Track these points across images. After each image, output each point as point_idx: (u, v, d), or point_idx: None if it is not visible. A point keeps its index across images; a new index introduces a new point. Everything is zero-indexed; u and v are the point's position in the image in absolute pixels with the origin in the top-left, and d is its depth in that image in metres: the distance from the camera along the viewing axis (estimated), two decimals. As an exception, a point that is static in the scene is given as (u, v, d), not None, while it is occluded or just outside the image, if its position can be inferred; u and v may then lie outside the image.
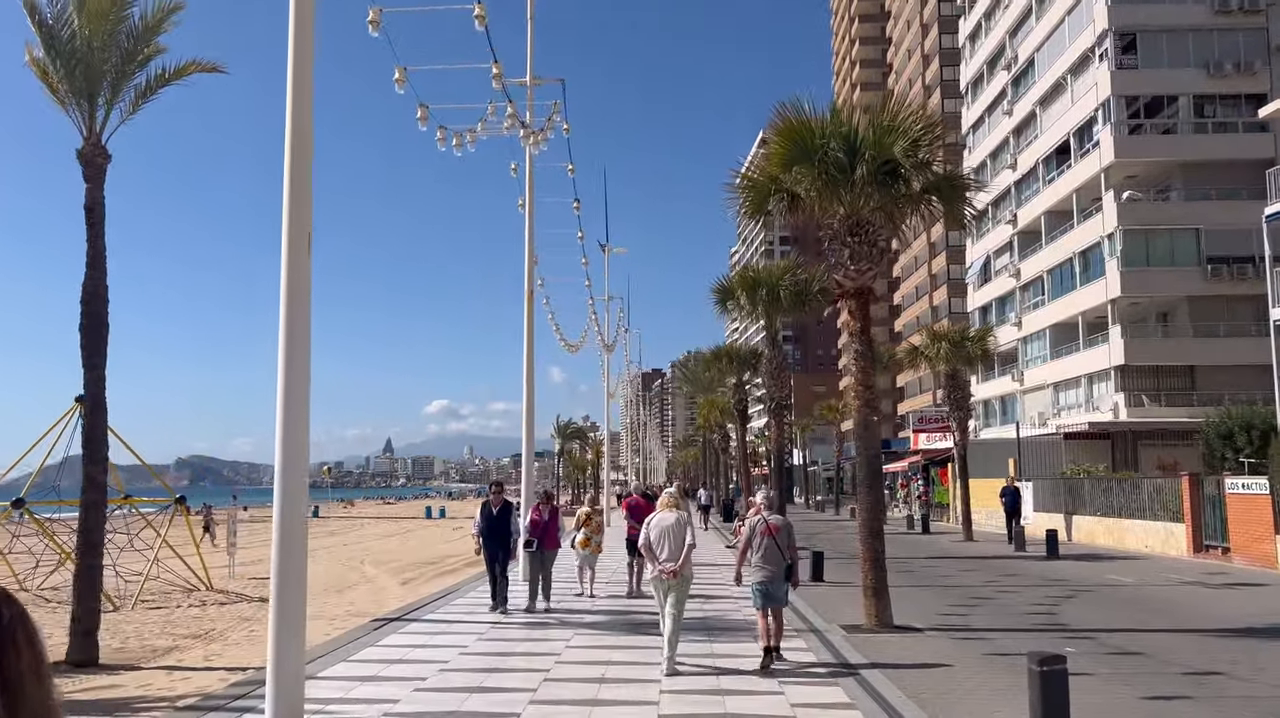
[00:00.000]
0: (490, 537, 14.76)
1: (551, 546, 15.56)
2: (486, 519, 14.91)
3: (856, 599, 16.77)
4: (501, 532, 14.74)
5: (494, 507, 14.96)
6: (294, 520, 7.90)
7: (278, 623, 7.74)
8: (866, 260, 13.69)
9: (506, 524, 14.87)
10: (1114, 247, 45.44)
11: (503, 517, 14.85)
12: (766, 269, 25.61)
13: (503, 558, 14.82)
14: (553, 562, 15.66)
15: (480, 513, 15.21)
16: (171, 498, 24.53)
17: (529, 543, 15.12)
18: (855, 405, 13.81)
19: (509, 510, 15.08)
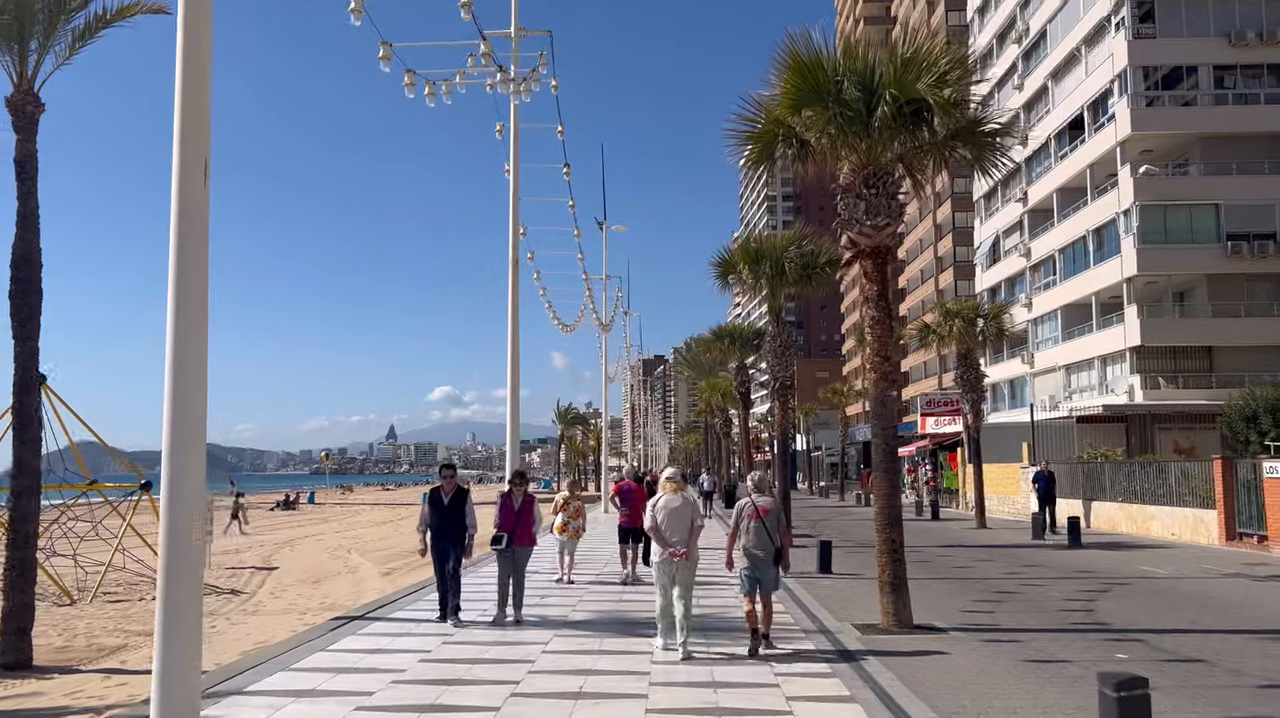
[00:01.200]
0: (440, 532, 12.38)
1: (525, 542, 12.85)
2: (436, 510, 12.41)
3: (869, 594, 15.28)
4: (453, 526, 12.35)
5: (445, 494, 12.44)
6: (183, 513, 6.36)
7: (164, 641, 6.23)
8: (884, 215, 12.14)
9: (460, 516, 12.39)
10: (1130, 223, 43.82)
11: (456, 507, 12.39)
12: (770, 240, 24.01)
13: (455, 558, 12.34)
14: (526, 563, 13.03)
15: (427, 502, 12.49)
16: (138, 483, 22.99)
17: (497, 540, 12.61)
18: (871, 378, 12.28)
19: (463, 499, 12.52)
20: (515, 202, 18.98)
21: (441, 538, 12.37)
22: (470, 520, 12.48)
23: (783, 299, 24.86)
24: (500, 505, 13.03)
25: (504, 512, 12.90)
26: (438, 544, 12.41)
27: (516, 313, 18.00)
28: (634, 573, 17.16)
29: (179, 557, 6.23)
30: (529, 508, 13.02)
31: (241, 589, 22.21)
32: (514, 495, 13.07)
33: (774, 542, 10.51)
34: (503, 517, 12.85)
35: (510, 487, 13.33)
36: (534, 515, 13.07)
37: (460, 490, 12.58)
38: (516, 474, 13.67)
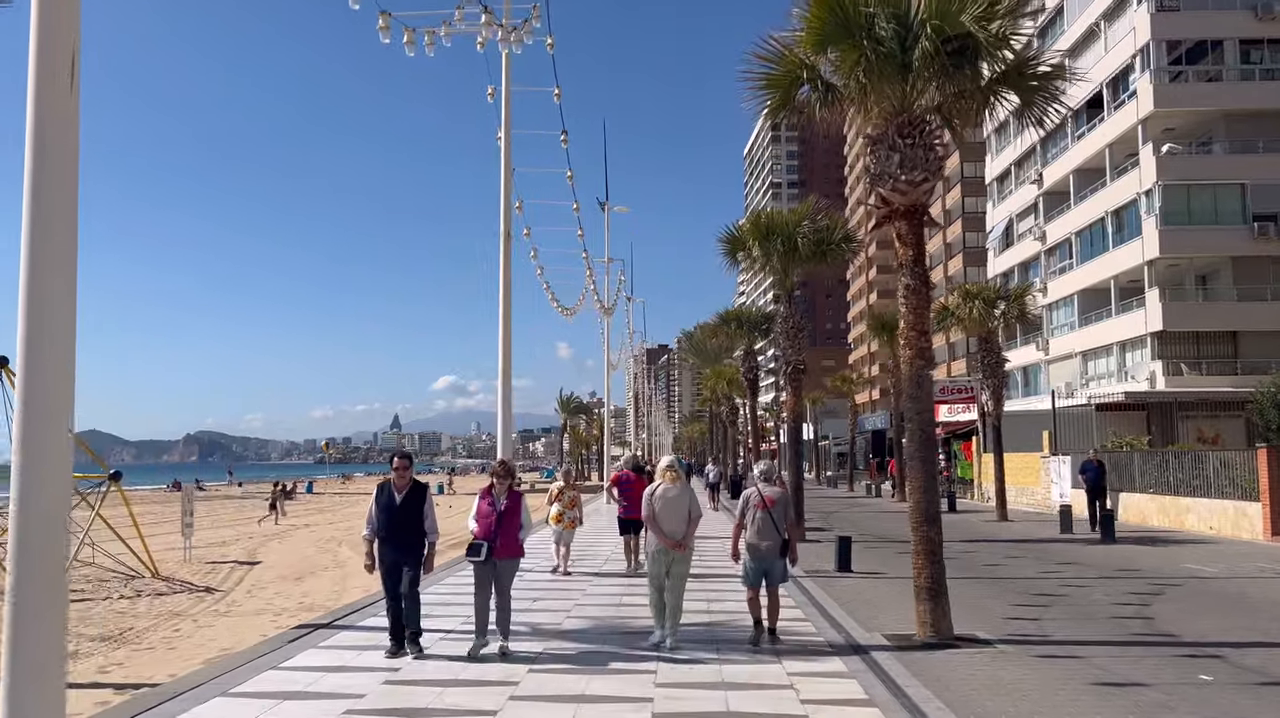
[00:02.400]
0: (391, 540, 9.74)
1: (509, 552, 10.02)
2: (385, 511, 9.79)
3: (896, 596, 13.85)
4: (408, 532, 9.77)
5: (397, 490, 9.83)
6: (41, 521, 4.85)
7: (10, 682, 4.73)
8: (921, 169, 10.61)
9: (416, 519, 9.79)
10: (1152, 204, 42.23)
11: (411, 508, 9.79)
12: (781, 215, 22.46)
13: (410, 573, 9.77)
14: (511, 578, 10.23)
15: (375, 502, 9.90)
16: (105, 474, 21.56)
17: (474, 550, 9.89)
18: (906, 356, 10.77)
19: (421, 498, 9.91)
20: (507, 169, 17.47)
21: (393, 547, 9.74)
22: (430, 524, 9.86)
23: (794, 279, 23.28)
24: (477, 506, 10.16)
25: (482, 514, 10.06)
26: (388, 555, 9.77)
27: (509, 288, 16.52)
28: (636, 564, 16.29)
29: (33, 582, 4.72)
30: (515, 509, 10.10)
31: (217, 587, 20.77)
32: (496, 492, 10.16)
33: (781, 533, 10.14)
34: (481, 521, 10.03)
35: (492, 481, 10.32)
36: (521, 519, 10.16)
37: (417, 486, 9.96)
38: (500, 465, 10.75)
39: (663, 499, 10.23)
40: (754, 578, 10.26)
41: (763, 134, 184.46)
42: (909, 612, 12.44)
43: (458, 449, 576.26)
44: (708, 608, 12.79)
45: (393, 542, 9.78)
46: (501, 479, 10.30)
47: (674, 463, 10.89)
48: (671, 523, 10.12)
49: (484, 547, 9.85)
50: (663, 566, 10.11)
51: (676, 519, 10.15)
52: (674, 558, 10.06)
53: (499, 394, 16.46)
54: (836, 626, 11.45)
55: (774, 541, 10.17)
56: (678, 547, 10.06)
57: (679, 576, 10.13)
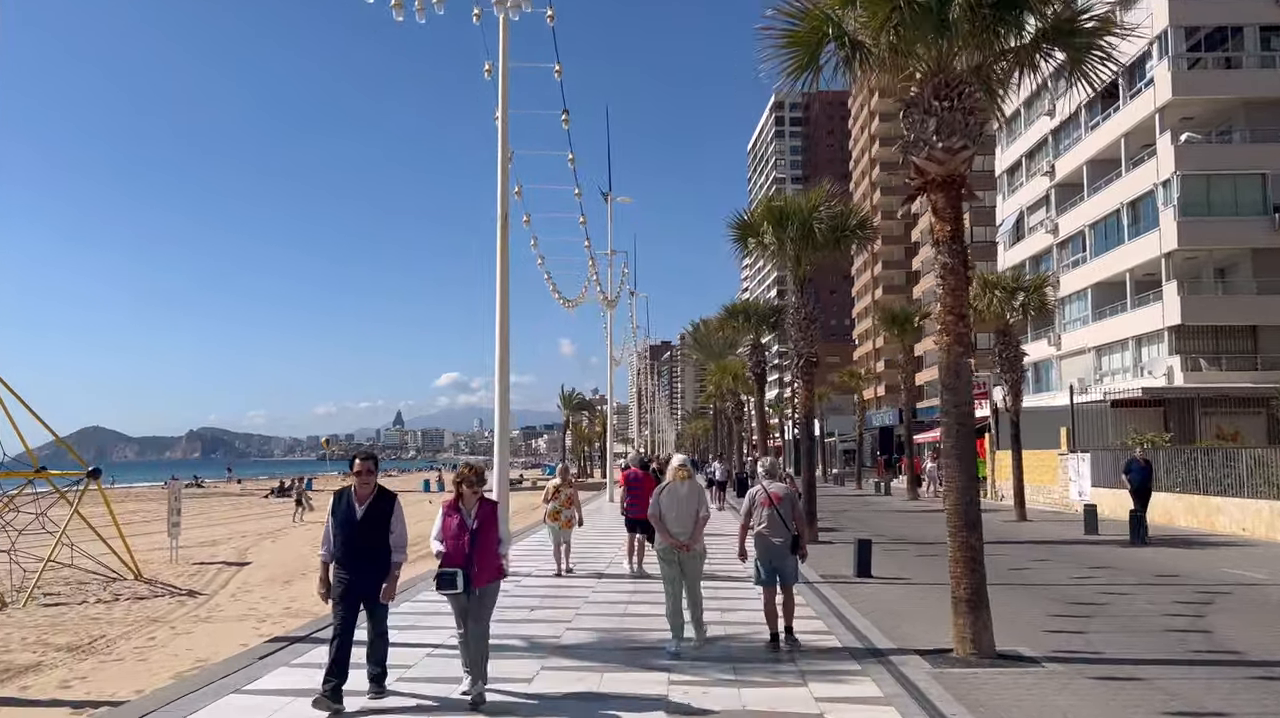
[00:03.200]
0: (350, 561, 7.81)
1: (488, 576, 7.99)
2: (344, 527, 7.86)
3: (924, 606, 12.84)
4: (370, 554, 7.82)
5: (358, 500, 7.92)
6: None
7: None
8: (960, 135, 9.57)
9: (381, 537, 7.87)
10: (1170, 194, 41.10)
11: (375, 522, 7.85)
12: (795, 200, 21.36)
13: (375, 606, 7.93)
14: (491, 607, 8.14)
15: (331, 516, 7.95)
16: (83, 472, 20.55)
17: (446, 579, 7.80)
18: (943, 341, 9.73)
19: (387, 509, 7.96)
20: (504, 150, 16.40)
21: (354, 571, 7.74)
22: (396, 540, 7.94)
23: (807, 267, 22.20)
24: (442, 523, 8.05)
25: (451, 533, 7.93)
26: (347, 582, 7.76)
27: (506, 274, 15.47)
28: (640, 566, 15.93)
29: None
30: (490, 522, 8.02)
31: (201, 590, 19.76)
32: (465, 505, 8.02)
33: (790, 530, 9.92)
34: (450, 542, 7.90)
35: (459, 489, 8.06)
36: (497, 534, 8.17)
37: (383, 494, 7.97)
38: (468, 470, 8.21)
39: (671, 498, 9.97)
40: (767, 577, 9.98)
41: (766, 129, 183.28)
42: (940, 623, 11.44)
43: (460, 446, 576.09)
44: (721, 618, 11.77)
45: (353, 564, 7.74)
46: (472, 488, 8.00)
47: (685, 462, 10.60)
48: (678, 523, 9.87)
49: (458, 575, 7.72)
50: (675, 567, 9.84)
51: (685, 519, 9.88)
52: (683, 558, 9.81)
53: (496, 384, 15.45)
54: (863, 639, 10.42)
55: (784, 538, 9.92)
56: (684, 547, 9.80)
57: (693, 575, 9.92)
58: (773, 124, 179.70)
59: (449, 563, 7.84)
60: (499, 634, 10.60)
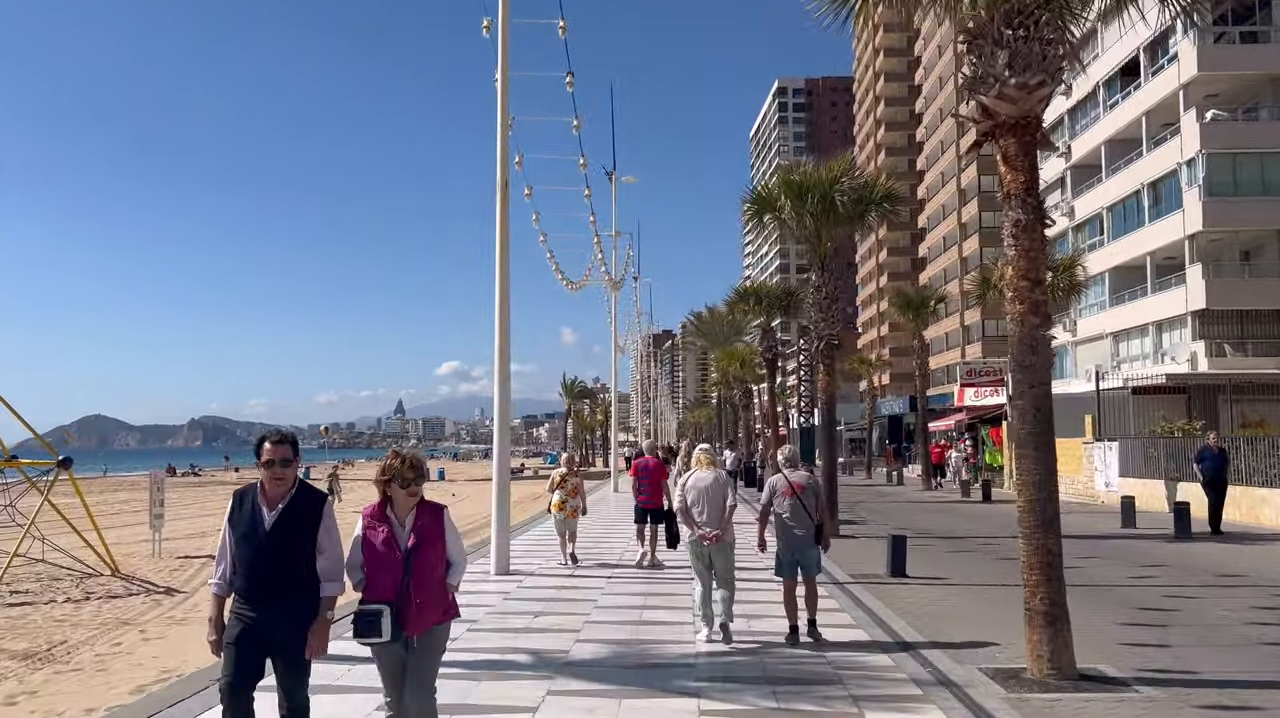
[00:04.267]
0: (255, 593, 5.23)
1: (430, 618, 5.43)
2: (247, 541, 5.26)
3: (974, 612, 11.53)
4: (285, 579, 5.24)
5: (265, 503, 5.31)
6: None
7: None
8: (1036, 70, 8.20)
9: (300, 554, 5.29)
10: (1195, 174, 39.67)
11: (290, 534, 5.26)
12: (816, 171, 19.91)
13: (289, 659, 5.28)
14: (437, 663, 5.61)
15: (228, 525, 5.36)
16: (54, 461, 19.21)
17: (367, 621, 5.27)
18: (1017, 310, 8.37)
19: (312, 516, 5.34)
20: (504, 112, 15.01)
21: (259, 605, 5.22)
22: (328, 562, 5.34)
23: (828, 245, 20.77)
24: (363, 538, 5.47)
25: (376, 555, 5.39)
26: (247, 619, 5.22)
27: (506, 244, 14.11)
28: (654, 556, 15.20)
29: None
30: (433, 539, 5.46)
31: (180, 587, 18.43)
32: (396, 512, 5.45)
33: (813, 519, 9.61)
34: (375, 567, 5.39)
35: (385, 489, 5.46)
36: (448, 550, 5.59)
37: (306, 495, 5.40)
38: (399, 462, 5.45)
39: (696, 489, 9.58)
40: (789, 569, 9.65)
41: (769, 115, 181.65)
42: (996, 632, 10.15)
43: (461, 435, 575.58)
44: (749, 627, 10.43)
45: (259, 598, 5.18)
46: (407, 487, 5.37)
47: (708, 449, 10.31)
48: (706, 514, 9.50)
49: (383, 615, 5.23)
50: (703, 559, 9.58)
51: (712, 510, 9.51)
52: (711, 551, 9.51)
53: (496, 362, 14.13)
54: (917, 654, 9.08)
55: (807, 528, 9.60)
56: (714, 540, 9.46)
57: (724, 566, 9.60)
58: (775, 110, 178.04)
59: (372, 597, 5.30)
60: (497, 648, 9.29)
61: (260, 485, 5.36)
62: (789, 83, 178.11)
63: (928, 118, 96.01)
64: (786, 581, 9.68)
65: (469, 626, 10.40)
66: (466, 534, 27.53)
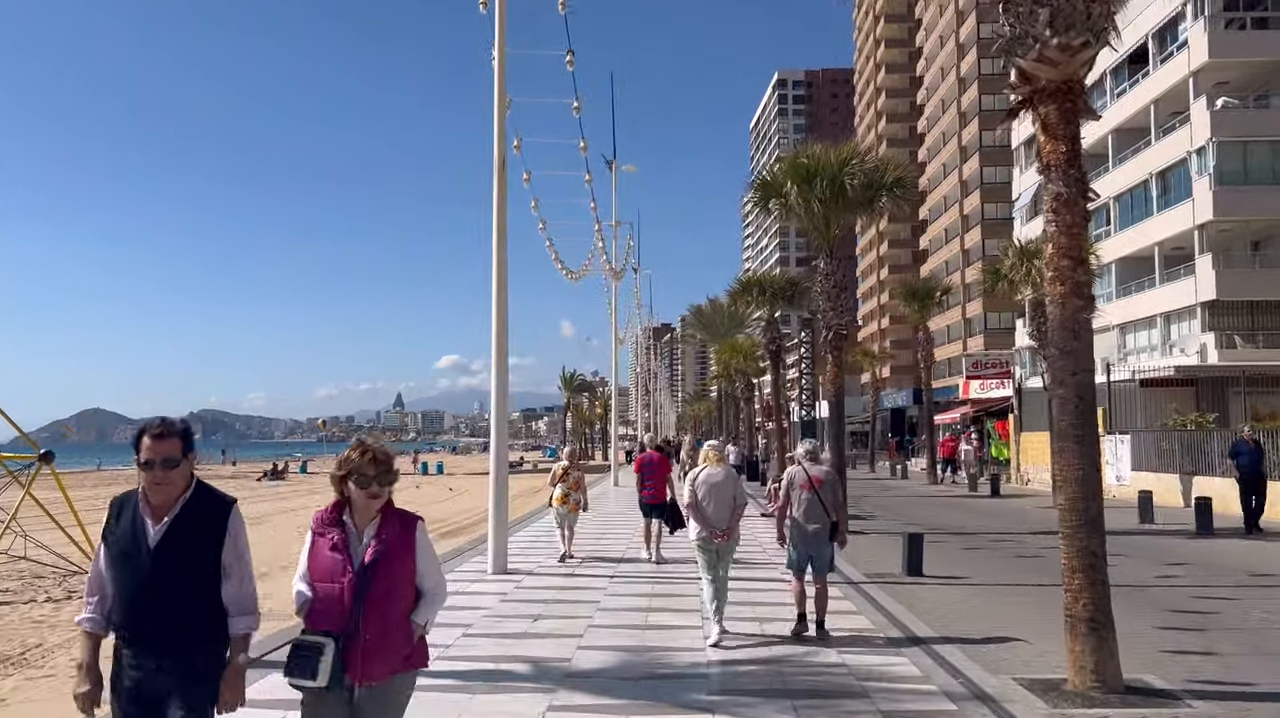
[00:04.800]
0: (138, 633, 3.90)
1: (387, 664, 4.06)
2: (124, 564, 3.90)
3: (999, 614, 10.87)
4: (173, 612, 3.87)
5: (150, 516, 3.91)
6: None
7: None
8: (1079, 29, 7.54)
9: (197, 581, 3.92)
10: (1205, 163, 38.97)
11: (181, 554, 3.89)
12: (824, 155, 19.17)
13: (188, 711, 3.86)
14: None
15: (103, 543, 3.99)
16: (35, 454, 18.55)
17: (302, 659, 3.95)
18: (1058, 292, 7.72)
19: (213, 532, 3.97)
20: (501, 87, 14.33)
21: (143, 651, 3.92)
22: (235, 591, 4.01)
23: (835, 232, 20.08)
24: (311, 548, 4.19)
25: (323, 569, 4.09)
26: (132, 669, 3.93)
27: (504, 224, 13.43)
28: (659, 552, 15.03)
29: None
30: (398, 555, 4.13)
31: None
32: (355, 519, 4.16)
33: (830, 515, 9.43)
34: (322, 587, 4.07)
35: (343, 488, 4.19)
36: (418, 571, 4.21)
37: (203, 500, 4.04)
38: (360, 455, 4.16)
39: (706, 485, 9.37)
40: (799, 564, 9.51)
41: (769, 107, 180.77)
42: (1027, 637, 9.54)
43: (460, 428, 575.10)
44: (761, 630, 9.82)
45: (143, 637, 3.92)
46: (367, 488, 4.13)
47: (719, 446, 10.16)
48: (716, 511, 9.32)
49: (323, 651, 3.95)
50: (712, 555, 9.37)
51: (721, 507, 9.33)
52: (719, 547, 9.35)
53: (493, 352, 13.46)
54: (944, 662, 8.44)
55: (822, 524, 9.41)
56: (724, 537, 9.31)
57: (724, 564, 9.46)
58: (775, 101, 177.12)
59: (317, 622, 4.01)
60: (493, 656, 8.64)
61: (140, 492, 4.02)
62: (789, 74, 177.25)
63: (929, 109, 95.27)
64: (797, 576, 9.54)
65: (463, 630, 9.77)
66: (464, 530, 26.88)
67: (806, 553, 9.42)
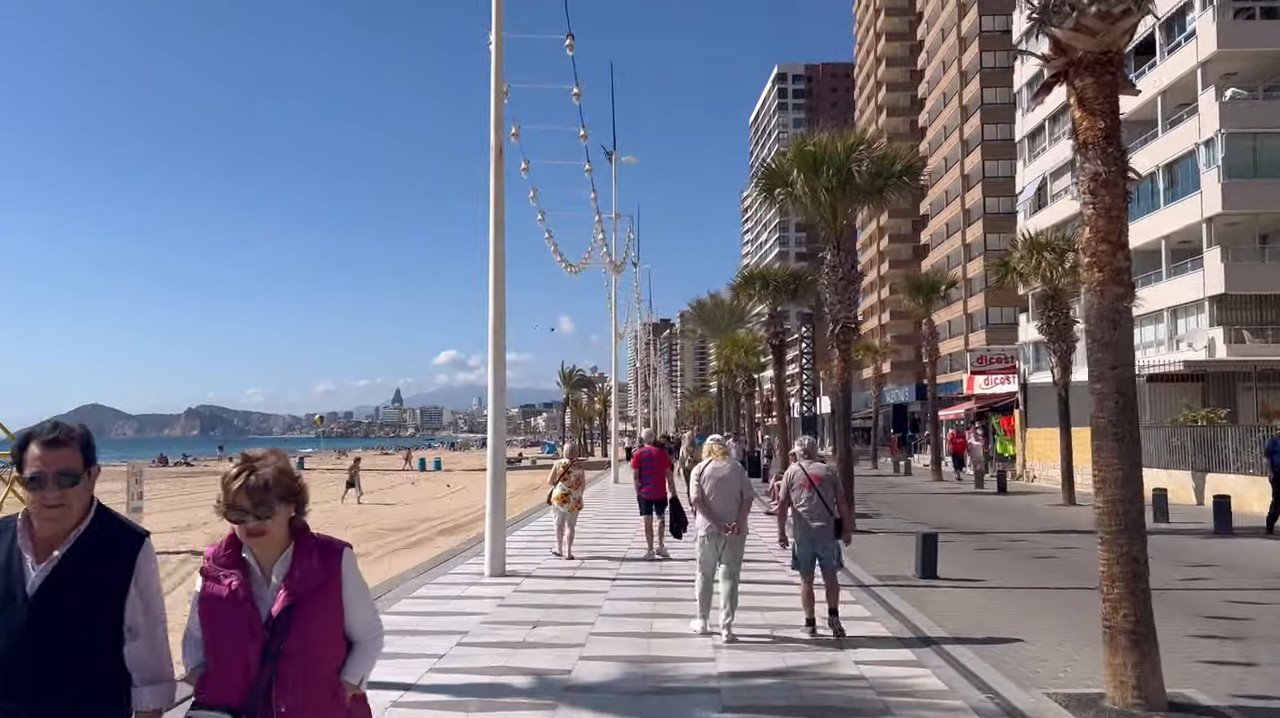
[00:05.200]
0: (9, 695, 2.97)
1: None
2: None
3: (1022, 621, 10.36)
4: (55, 676, 2.97)
5: (31, 552, 3.02)
6: None
7: None
8: (1119, -4, 6.97)
9: (76, 638, 2.99)
10: (1213, 155, 38.43)
11: (64, 597, 2.99)
12: (833, 141, 18.57)
13: None
14: None
15: None
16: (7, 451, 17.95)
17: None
18: (1096, 278, 7.18)
19: (115, 572, 3.07)
20: (498, 72, 13.78)
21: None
22: (142, 652, 3.09)
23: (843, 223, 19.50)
24: (200, 597, 3.06)
25: (218, 623, 3.01)
26: None
27: (501, 209, 12.87)
28: (661, 547, 15.00)
29: None
30: (315, 601, 3.06)
31: (154, 587, 17.20)
32: (260, 555, 3.09)
33: (833, 512, 9.31)
34: (217, 648, 3.01)
35: (231, 516, 3.04)
36: (338, 631, 3.14)
37: (103, 533, 3.10)
38: (234, 483, 3.01)
39: (713, 479, 9.29)
40: (806, 564, 9.31)
41: (769, 101, 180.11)
42: (1052, 645, 9.03)
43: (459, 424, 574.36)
44: (773, 636, 9.31)
45: (21, 706, 2.97)
46: (245, 525, 3.04)
47: (722, 440, 10.14)
48: (723, 504, 9.22)
49: None
50: (715, 551, 9.26)
51: (728, 500, 9.24)
52: (726, 543, 9.22)
53: (490, 341, 12.90)
54: (968, 673, 7.90)
55: (826, 521, 9.28)
56: (731, 530, 9.19)
57: (733, 559, 9.27)
58: (775, 96, 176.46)
59: (212, 697, 3.01)
60: (490, 667, 8.12)
61: (18, 520, 3.11)
62: (789, 68, 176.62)
63: (930, 103, 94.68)
64: (805, 577, 9.34)
65: (459, 638, 9.25)
66: (462, 528, 26.34)
67: (813, 551, 9.29)
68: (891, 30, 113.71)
